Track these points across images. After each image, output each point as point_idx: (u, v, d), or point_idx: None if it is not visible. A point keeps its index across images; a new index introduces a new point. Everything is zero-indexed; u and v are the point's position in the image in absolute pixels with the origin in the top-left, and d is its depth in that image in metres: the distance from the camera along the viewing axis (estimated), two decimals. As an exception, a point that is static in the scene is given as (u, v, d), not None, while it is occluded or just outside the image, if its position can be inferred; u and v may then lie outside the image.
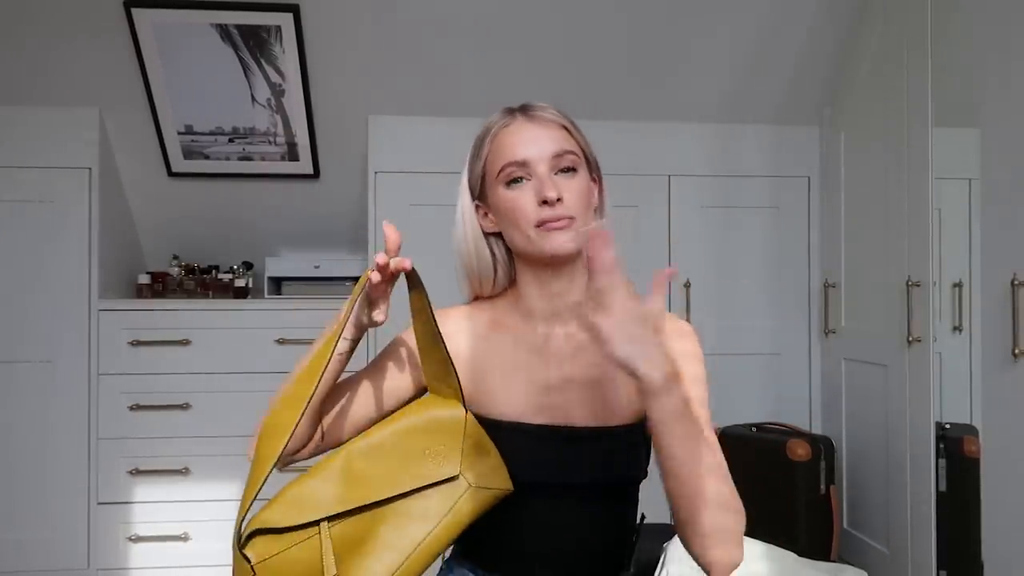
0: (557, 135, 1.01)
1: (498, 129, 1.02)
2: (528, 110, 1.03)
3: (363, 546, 0.90)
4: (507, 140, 1.01)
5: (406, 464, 0.92)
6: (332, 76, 2.53)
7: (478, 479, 0.92)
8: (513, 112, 1.04)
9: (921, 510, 2.15)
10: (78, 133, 2.55)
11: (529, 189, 0.99)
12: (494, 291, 1.09)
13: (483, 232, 1.06)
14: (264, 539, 0.87)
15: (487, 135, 1.03)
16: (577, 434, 1.00)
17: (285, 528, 0.88)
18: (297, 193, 2.83)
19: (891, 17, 2.32)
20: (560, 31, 2.47)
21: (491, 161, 1.02)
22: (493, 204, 1.03)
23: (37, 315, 2.52)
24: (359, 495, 0.90)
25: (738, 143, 2.79)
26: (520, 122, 1.02)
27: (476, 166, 1.05)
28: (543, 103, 1.04)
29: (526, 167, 0.99)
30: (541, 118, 1.02)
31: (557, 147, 1.00)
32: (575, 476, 0.98)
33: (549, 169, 0.99)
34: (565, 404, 1.01)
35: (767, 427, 2.61)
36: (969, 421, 2.06)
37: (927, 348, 2.12)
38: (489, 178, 1.03)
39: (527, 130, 1.01)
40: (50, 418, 2.51)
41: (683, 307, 2.73)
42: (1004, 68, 1.76)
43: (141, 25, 2.36)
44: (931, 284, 2.11)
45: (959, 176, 2.11)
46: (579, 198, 0.99)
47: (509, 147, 1.00)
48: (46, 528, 2.51)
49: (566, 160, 1.00)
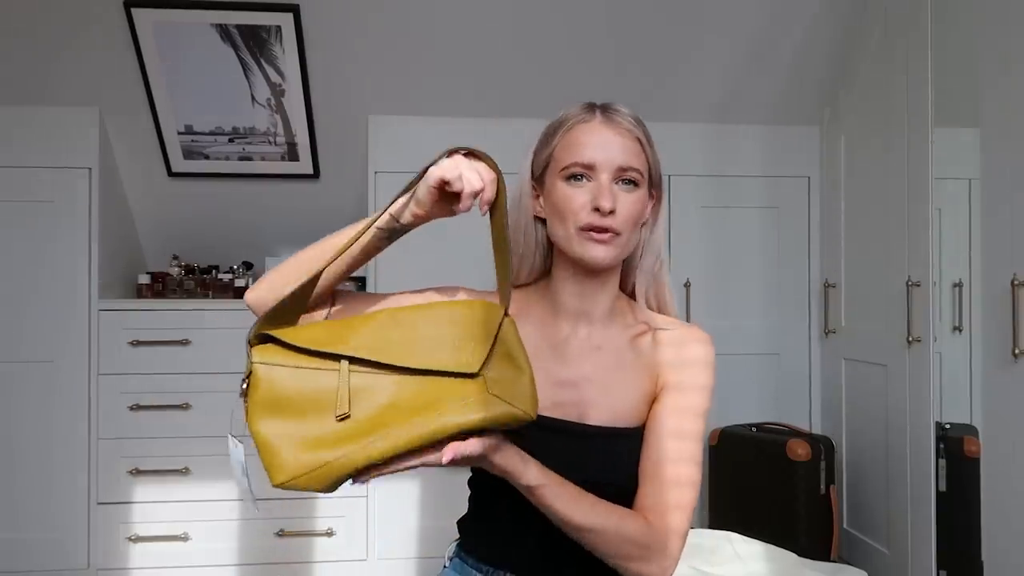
0: (630, 146, 1.01)
1: (574, 123, 1.02)
2: (608, 112, 1.03)
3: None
4: (580, 137, 1.01)
5: (431, 347, 0.86)
6: (332, 76, 2.54)
7: (499, 388, 0.85)
8: (594, 109, 1.03)
9: (921, 510, 2.15)
10: (78, 133, 2.55)
11: (586, 191, 0.99)
12: (528, 278, 1.10)
13: (532, 215, 1.07)
14: (275, 348, 0.84)
15: (562, 125, 1.03)
16: (590, 432, 1.01)
17: (301, 348, 0.83)
18: (297, 193, 2.83)
19: (891, 17, 2.32)
20: (560, 31, 2.47)
21: (559, 152, 1.02)
22: (548, 192, 1.04)
23: (37, 315, 2.52)
24: (382, 351, 0.84)
25: (738, 143, 2.79)
26: (597, 122, 1.01)
27: (543, 152, 1.05)
28: (624, 108, 1.04)
29: (591, 169, 1.00)
30: (619, 125, 1.01)
31: (625, 159, 1.00)
32: (586, 473, 0.98)
33: (612, 177, 0.99)
34: (580, 401, 1.03)
35: (767, 427, 2.61)
36: (969, 421, 2.06)
37: (927, 348, 2.12)
38: (553, 167, 1.03)
39: (602, 133, 1.01)
40: (50, 418, 2.51)
41: (683, 307, 2.73)
42: (1004, 68, 1.76)
43: (141, 25, 2.36)
44: (931, 284, 2.11)
45: (959, 176, 2.11)
46: (630, 214, 1.00)
47: (580, 145, 1.00)
48: (46, 528, 2.51)
49: (630, 174, 1.00)
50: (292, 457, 0.79)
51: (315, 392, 0.82)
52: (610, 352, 1.05)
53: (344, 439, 0.80)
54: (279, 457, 0.79)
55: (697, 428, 1.04)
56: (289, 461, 0.79)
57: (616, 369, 1.04)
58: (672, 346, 1.06)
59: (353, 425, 0.81)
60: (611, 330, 1.07)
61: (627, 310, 1.09)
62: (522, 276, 1.10)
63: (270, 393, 0.81)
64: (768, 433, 2.55)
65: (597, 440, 1.01)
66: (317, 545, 2.58)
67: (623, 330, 1.07)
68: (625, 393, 1.04)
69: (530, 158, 1.07)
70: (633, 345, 1.07)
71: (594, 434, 1.01)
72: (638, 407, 1.04)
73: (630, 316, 1.09)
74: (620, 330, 1.07)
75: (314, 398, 0.82)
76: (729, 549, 2.12)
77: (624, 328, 1.07)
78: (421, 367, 0.84)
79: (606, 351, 1.05)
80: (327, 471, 0.79)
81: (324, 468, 0.79)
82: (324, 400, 0.82)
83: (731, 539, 2.15)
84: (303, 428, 0.80)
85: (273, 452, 0.80)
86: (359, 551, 2.59)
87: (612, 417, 1.03)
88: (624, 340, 1.07)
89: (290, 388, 0.82)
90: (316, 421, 0.81)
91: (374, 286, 2.63)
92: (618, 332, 1.07)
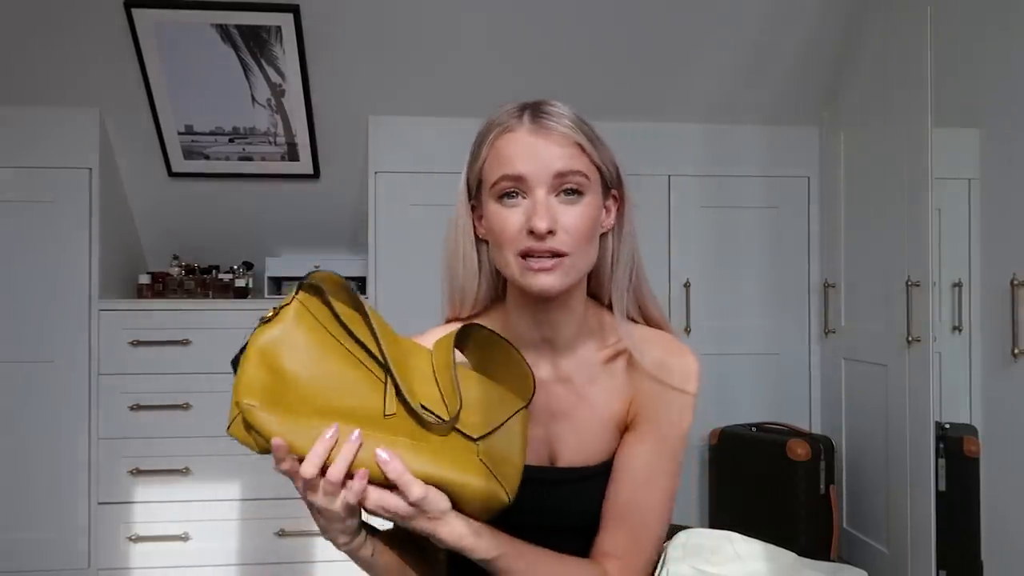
0: (566, 151, 0.87)
1: (499, 133, 0.89)
2: (538, 115, 0.88)
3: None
4: (507, 148, 0.88)
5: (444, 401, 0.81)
6: (332, 76, 2.54)
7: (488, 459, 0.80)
8: (521, 114, 0.89)
9: (921, 510, 2.15)
10: (78, 133, 2.56)
11: (521, 210, 0.87)
12: (473, 309, 0.98)
13: (475, 236, 0.96)
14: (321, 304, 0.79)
15: (487, 135, 0.91)
16: (560, 476, 0.95)
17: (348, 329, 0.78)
18: (297, 193, 2.83)
19: (891, 17, 2.32)
20: (560, 31, 2.47)
21: (487, 167, 0.90)
22: (485, 214, 0.91)
23: (37, 315, 2.52)
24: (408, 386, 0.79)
25: (738, 143, 2.79)
26: (525, 129, 0.88)
27: (474, 167, 0.93)
28: (558, 106, 0.90)
29: (522, 182, 0.87)
30: (550, 128, 0.87)
31: (563, 165, 0.86)
32: (558, 517, 0.93)
33: (549, 190, 0.86)
34: (548, 440, 0.96)
35: (767, 427, 2.61)
36: (969, 421, 2.06)
37: (927, 348, 2.12)
38: (484, 184, 0.91)
39: (530, 141, 0.87)
40: (50, 418, 2.51)
41: (683, 307, 2.73)
42: (1004, 68, 1.76)
43: (141, 25, 2.36)
44: (931, 284, 2.11)
45: (959, 176, 2.11)
46: (578, 228, 0.86)
47: (507, 157, 0.87)
48: (46, 528, 2.51)
49: (570, 181, 0.87)
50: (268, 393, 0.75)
51: (335, 363, 0.77)
52: (580, 383, 0.96)
53: (332, 416, 0.75)
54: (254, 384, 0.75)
55: (673, 471, 0.95)
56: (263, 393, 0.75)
57: (586, 402, 0.95)
58: (651, 370, 0.95)
59: (349, 411, 0.76)
60: (579, 355, 0.96)
61: (597, 328, 0.98)
62: (466, 309, 0.98)
63: (289, 334, 0.77)
64: (768, 433, 2.55)
65: (568, 484, 0.94)
66: (317, 545, 2.58)
67: (594, 353, 0.97)
68: (597, 427, 0.96)
69: (464, 174, 0.95)
70: (605, 369, 0.97)
71: (565, 478, 0.95)
72: (611, 440, 0.96)
73: (600, 336, 0.98)
74: (590, 353, 0.97)
75: (330, 366, 0.77)
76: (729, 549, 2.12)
77: (595, 351, 0.97)
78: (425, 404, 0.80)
79: (575, 382, 0.96)
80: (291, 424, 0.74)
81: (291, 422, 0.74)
82: (338, 376, 0.77)
83: (731, 539, 2.15)
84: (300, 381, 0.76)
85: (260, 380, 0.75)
86: (359, 551, 2.59)
87: (582, 455, 0.95)
88: (595, 364, 0.96)
89: (311, 340, 0.77)
90: (317, 384, 0.76)
91: (374, 287, 2.63)
92: (588, 356, 0.96)
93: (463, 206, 0.95)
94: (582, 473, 0.95)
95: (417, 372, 0.82)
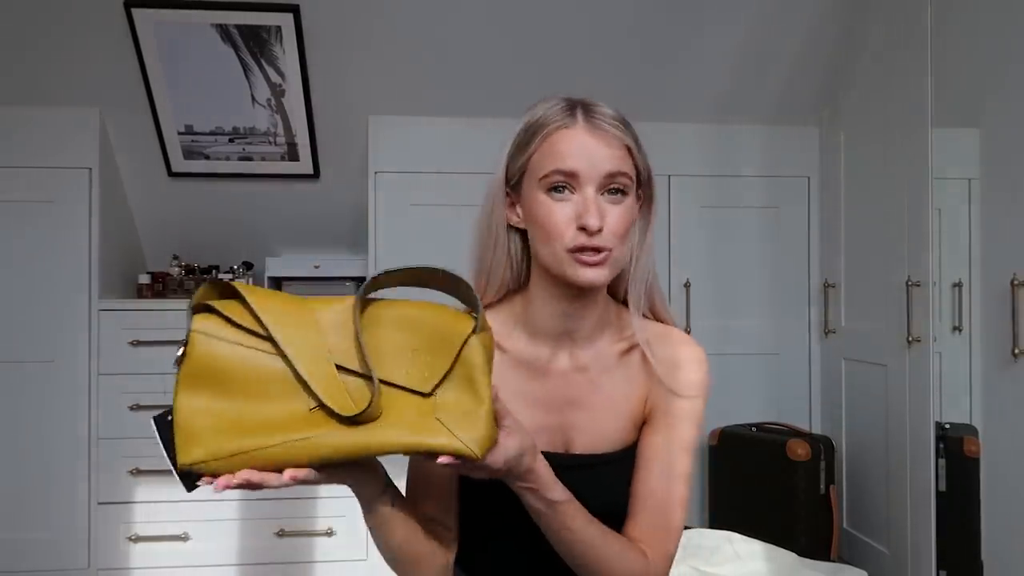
0: (616, 153, 0.92)
1: (555, 128, 0.92)
2: (591, 115, 0.93)
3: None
4: (561, 144, 0.91)
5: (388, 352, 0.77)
6: (332, 76, 2.53)
7: (445, 414, 0.76)
8: (574, 111, 0.93)
9: (921, 510, 2.15)
10: (78, 133, 2.55)
11: (571, 205, 0.91)
12: (497, 295, 1.00)
13: (507, 224, 0.98)
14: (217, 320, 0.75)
15: (540, 129, 0.93)
16: (576, 461, 0.97)
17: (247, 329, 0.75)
18: (297, 193, 2.83)
19: (891, 17, 2.32)
20: (559, 32, 2.47)
21: (538, 159, 0.93)
22: (527, 204, 0.94)
23: (37, 315, 2.52)
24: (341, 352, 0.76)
25: (738, 143, 2.79)
26: (580, 128, 0.92)
27: (519, 157, 0.95)
28: (606, 107, 0.94)
29: (574, 179, 0.91)
30: (604, 131, 0.92)
31: (613, 167, 0.91)
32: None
33: (598, 188, 0.91)
34: (564, 427, 0.98)
35: (767, 427, 2.61)
36: (969, 421, 2.06)
37: (927, 348, 2.12)
38: (531, 175, 0.94)
39: (585, 140, 0.91)
40: (50, 418, 2.51)
41: (683, 307, 2.73)
42: (1004, 68, 1.76)
43: (141, 25, 2.36)
44: (931, 284, 2.11)
45: (959, 176, 2.11)
46: (620, 227, 0.91)
47: (561, 153, 0.91)
48: (46, 528, 2.51)
49: (618, 182, 0.92)
50: (211, 438, 0.72)
51: (255, 372, 0.74)
52: (596, 372, 0.99)
53: (274, 429, 0.73)
54: (196, 435, 0.72)
55: (688, 457, 0.98)
56: (207, 441, 0.72)
57: (602, 391, 0.98)
58: (664, 365, 0.98)
59: (287, 417, 0.73)
60: (597, 347, 1.00)
61: (614, 322, 1.01)
62: (490, 293, 1.00)
63: (203, 366, 0.74)
64: (768, 433, 2.55)
65: (584, 470, 0.96)
66: (317, 545, 2.58)
67: (610, 345, 1.00)
68: (612, 416, 0.98)
69: (504, 162, 0.97)
70: (621, 361, 1.00)
71: (581, 464, 0.97)
72: (626, 429, 0.99)
73: (617, 329, 1.01)
74: (607, 346, 1.00)
75: (253, 378, 0.74)
76: (729, 549, 2.12)
77: (611, 344, 1.00)
78: (369, 373, 0.75)
79: (592, 371, 0.99)
80: (243, 460, 0.72)
81: (241, 457, 0.72)
82: (264, 383, 0.74)
83: (731, 539, 2.15)
84: (231, 409, 0.73)
85: (190, 429, 0.73)
86: (359, 551, 2.59)
87: (598, 443, 0.98)
88: (611, 357, 1.00)
89: (227, 364, 0.74)
90: (248, 404, 0.73)
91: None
92: (605, 348, 1.00)
93: (499, 194, 0.97)
94: (597, 460, 0.98)
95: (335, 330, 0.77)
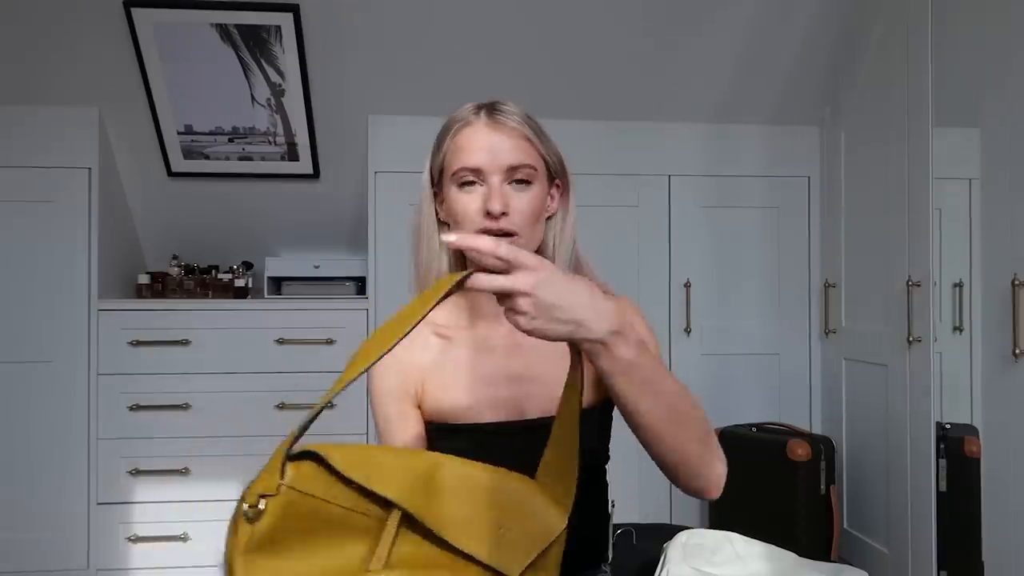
0: (517, 145, 1.01)
1: (459, 128, 1.03)
2: (493, 113, 1.02)
3: None
4: (465, 143, 1.02)
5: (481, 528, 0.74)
6: (332, 76, 2.53)
7: None
8: (479, 111, 1.03)
9: (921, 510, 2.15)
10: (78, 133, 2.55)
11: (478, 195, 1.01)
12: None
13: (438, 220, 1.08)
14: (313, 468, 0.69)
15: (449, 130, 1.04)
16: (532, 425, 1.01)
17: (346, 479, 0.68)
18: (297, 193, 2.83)
19: (891, 17, 2.32)
20: (560, 31, 2.47)
21: (448, 158, 1.04)
22: (445, 199, 1.05)
23: (37, 315, 2.52)
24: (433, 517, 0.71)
25: (738, 143, 2.79)
26: (481, 125, 1.02)
27: (437, 156, 1.06)
28: (510, 105, 1.04)
29: (479, 173, 1.00)
30: (504, 125, 1.01)
31: (514, 159, 1.01)
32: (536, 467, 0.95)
33: (503, 179, 1.00)
34: (514, 398, 1.03)
35: (767, 427, 2.61)
36: (969, 421, 2.06)
37: (927, 348, 2.12)
38: (446, 173, 1.04)
39: (486, 136, 1.01)
40: (50, 418, 2.51)
41: (683, 307, 2.73)
42: (1004, 68, 1.76)
43: (141, 25, 2.36)
44: (931, 284, 2.11)
45: (959, 176, 2.11)
46: (526, 211, 1.01)
47: (466, 151, 1.01)
48: (46, 528, 2.51)
49: (521, 173, 1.01)
50: None
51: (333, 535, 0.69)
52: (534, 342, 0.99)
53: None
54: None
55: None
56: None
57: (544, 358, 1.03)
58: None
59: None
60: None
61: None
62: (428, 285, 1.08)
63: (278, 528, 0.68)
64: (768, 433, 2.55)
65: (540, 431, 0.97)
66: (317, 545, 2.58)
67: None
68: (559, 381, 0.99)
69: (427, 164, 1.08)
70: None
71: (535, 426, 0.99)
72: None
73: None
74: None
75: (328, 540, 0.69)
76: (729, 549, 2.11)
77: None
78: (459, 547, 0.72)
79: (530, 341, 1.00)
80: None
81: None
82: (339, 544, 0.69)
83: (731, 539, 2.15)
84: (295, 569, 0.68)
85: None
86: (359, 551, 2.59)
87: (550, 406, 0.99)
88: None
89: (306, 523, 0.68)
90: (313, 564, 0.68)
91: (374, 287, 2.63)
92: None
93: (426, 194, 1.09)
94: (551, 421, 0.98)
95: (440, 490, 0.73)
